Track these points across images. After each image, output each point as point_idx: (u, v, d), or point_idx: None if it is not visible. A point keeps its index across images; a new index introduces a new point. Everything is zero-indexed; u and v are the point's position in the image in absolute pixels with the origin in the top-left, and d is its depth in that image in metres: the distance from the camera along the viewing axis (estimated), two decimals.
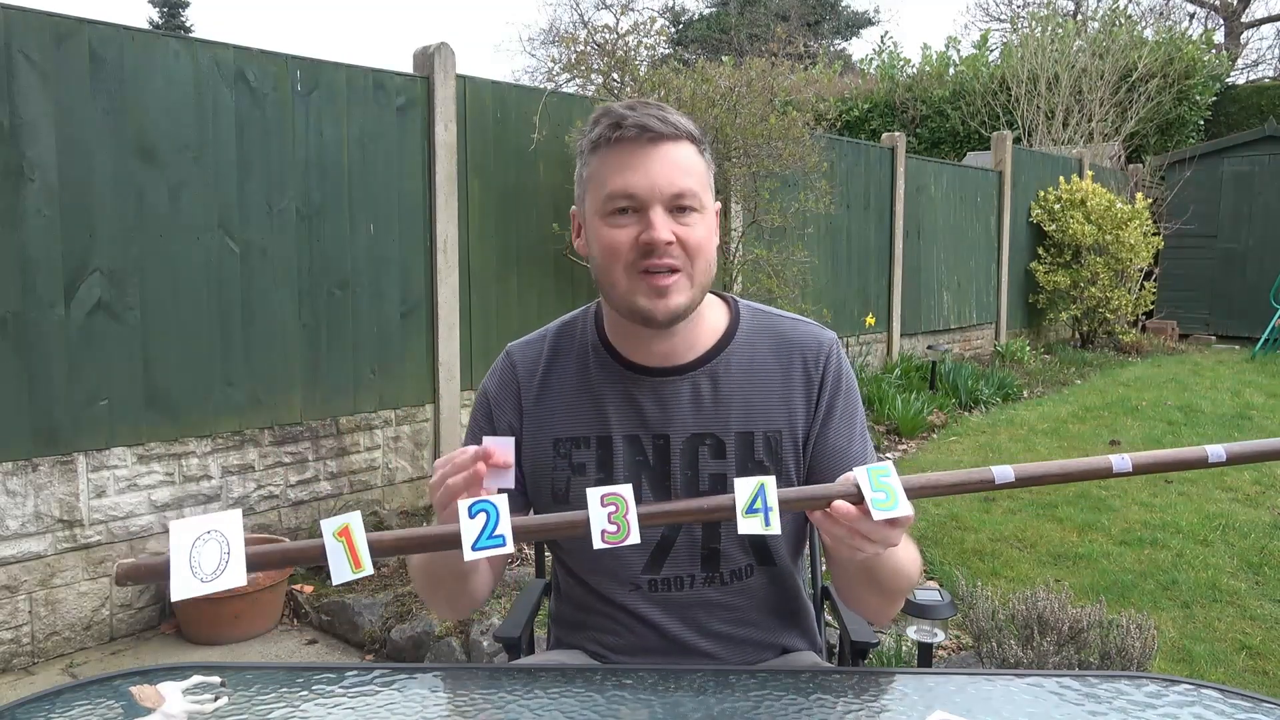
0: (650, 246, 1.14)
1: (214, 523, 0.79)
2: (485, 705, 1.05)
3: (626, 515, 0.86)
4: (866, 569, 1.12)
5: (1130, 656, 2.37)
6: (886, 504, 0.91)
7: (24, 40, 2.91)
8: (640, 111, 1.16)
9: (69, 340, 3.04)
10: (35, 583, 3.00)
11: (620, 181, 1.15)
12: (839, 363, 1.29)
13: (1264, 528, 3.99)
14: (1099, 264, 9.07)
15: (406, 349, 4.10)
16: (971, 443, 5.64)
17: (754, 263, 5.28)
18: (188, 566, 0.78)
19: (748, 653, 1.30)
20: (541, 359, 1.30)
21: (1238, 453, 0.97)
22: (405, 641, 2.99)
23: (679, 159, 1.16)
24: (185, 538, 0.79)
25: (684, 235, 1.15)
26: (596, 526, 0.85)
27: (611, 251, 1.16)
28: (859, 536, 0.95)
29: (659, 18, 5.10)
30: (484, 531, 0.83)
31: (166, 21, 22.97)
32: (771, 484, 0.89)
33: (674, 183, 1.15)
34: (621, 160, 1.15)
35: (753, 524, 0.89)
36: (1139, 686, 1.07)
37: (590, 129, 1.20)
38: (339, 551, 0.81)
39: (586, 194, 1.21)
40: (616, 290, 1.18)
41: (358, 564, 0.81)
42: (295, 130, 3.64)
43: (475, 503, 0.84)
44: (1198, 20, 18.43)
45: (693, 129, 1.20)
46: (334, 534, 0.81)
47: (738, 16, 23.37)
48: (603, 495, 0.86)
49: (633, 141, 1.15)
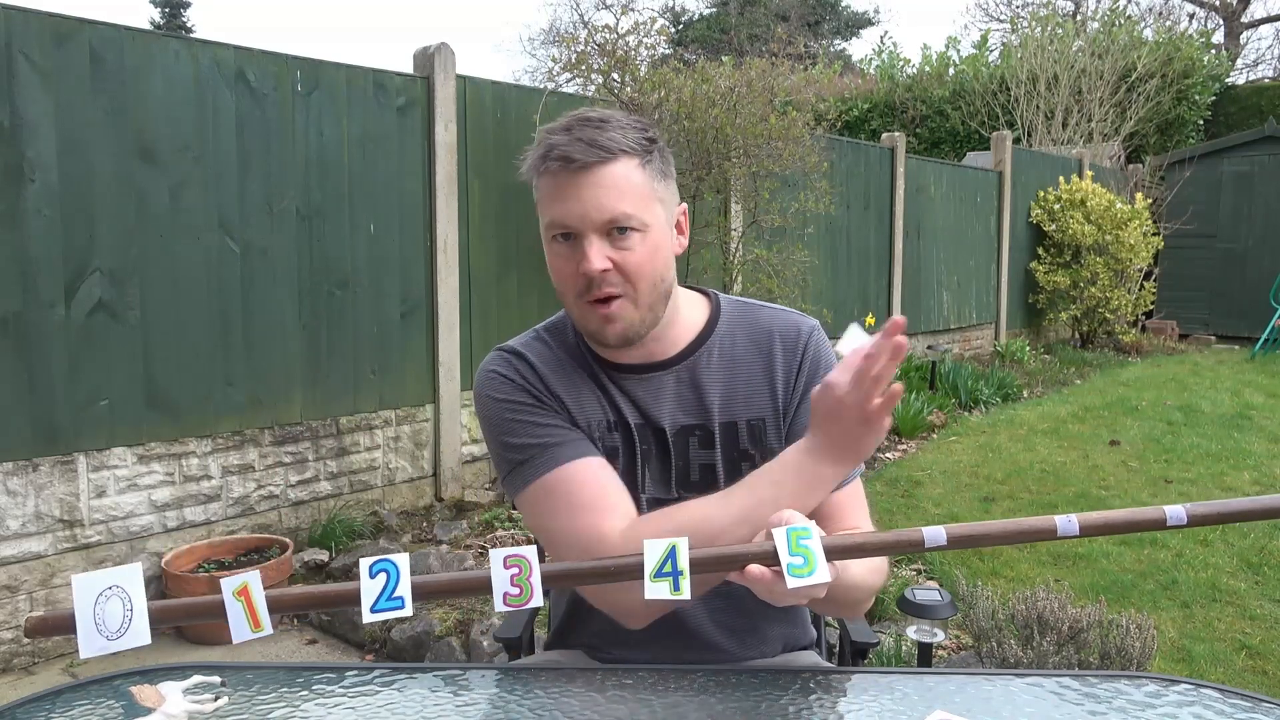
0: (589, 279, 1.14)
1: (115, 578, 0.78)
2: (485, 705, 1.05)
3: (530, 578, 0.83)
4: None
5: (1130, 656, 2.37)
6: (803, 570, 0.85)
7: (24, 40, 2.91)
8: (574, 134, 1.13)
9: (69, 340, 3.04)
10: (36, 583, 3.00)
11: (554, 211, 1.15)
12: (818, 347, 1.28)
13: (1264, 528, 3.98)
14: (1099, 264, 9.07)
15: (406, 349, 4.10)
16: (971, 443, 5.64)
17: (754, 263, 5.29)
18: (92, 624, 0.77)
19: (750, 644, 1.30)
20: (541, 356, 1.28)
21: (1201, 514, 0.90)
22: (405, 641, 2.99)
23: (612, 183, 1.13)
24: (87, 595, 0.78)
25: (620, 260, 1.14)
26: (499, 589, 0.83)
27: (560, 278, 1.18)
28: (776, 594, 0.93)
29: (659, 18, 5.10)
30: (383, 593, 0.82)
31: (167, 21, 22.97)
32: (683, 545, 0.84)
33: (604, 209, 1.13)
34: (553, 190, 1.15)
35: (660, 589, 0.83)
36: (1139, 686, 1.07)
37: (532, 148, 1.18)
38: (238, 611, 0.80)
39: (539, 215, 1.21)
40: (572, 315, 1.22)
41: (256, 624, 0.80)
42: (295, 130, 3.64)
43: (375, 562, 0.82)
44: (1197, 20, 18.44)
45: (630, 143, 1.15)
46: (233, 593, 0.80)
47: (738, 16, 23.37)
48: (506, 557, 0.83)
49: (560, 172, 1.13)
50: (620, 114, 1.20)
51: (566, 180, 1.13)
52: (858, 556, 0.93)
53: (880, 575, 1.18)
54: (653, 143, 1.20)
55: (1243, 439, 5.61)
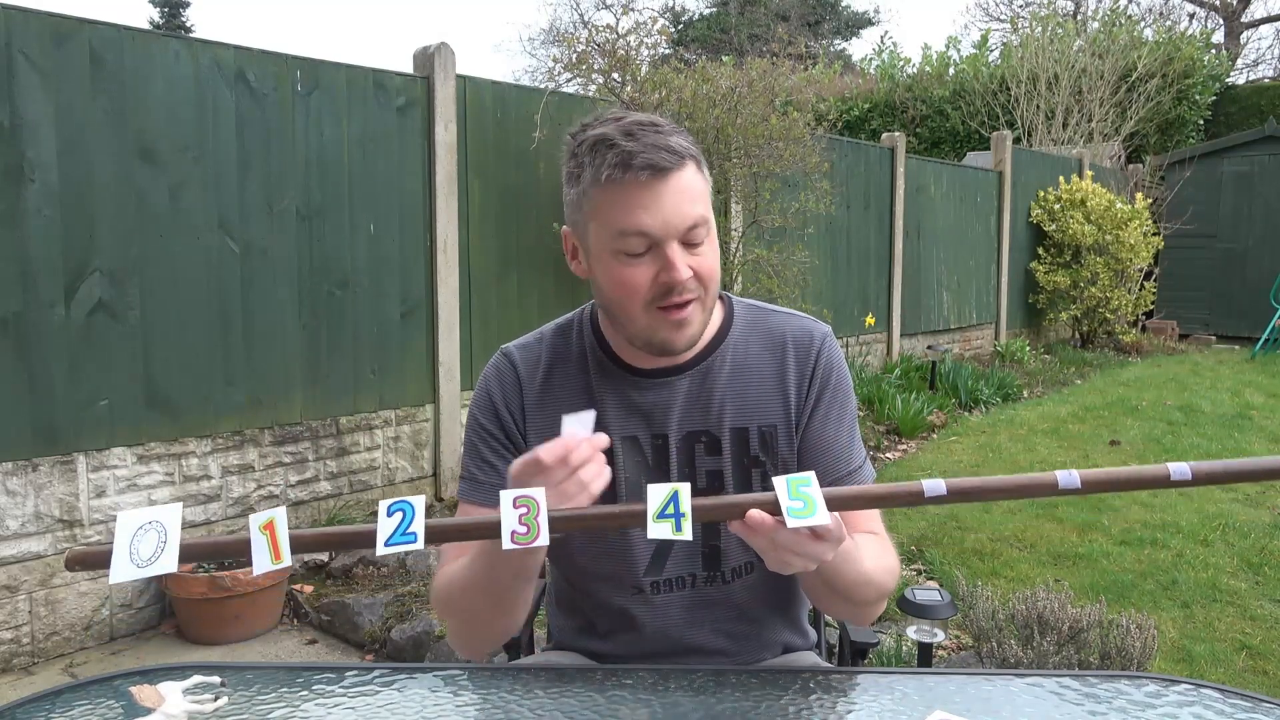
0: (670, 286, 1.12)
1: (156, 514, 0.84)
2: (485, 705, 1.05)
3: (537, 517, 0.86)
4: (823, 578, 1.09)
5: (1130, 656, 2.37)
6: (803, 512, 0.87)
7: (24, 40, 2.91)
8: (644, 140, 1.11)
9: (69, 340, 3.04)
10: (35, 583, 3.00)
11: (633, 221, 1.11)
12: (830, 354, 1.28)
13: (1264, 528, 3.98)
14: (1099, 264, 9.07)
15: (406, 349, 4.10)
16: (971, 443, 5.64)
17: (754, 263, 5.29)
18: (127, 553, 0.82)
19: (751, 649, 1.30)
20: (541, 362, 1.28)
21: (1205, 472, 0.89)
22: (405, 641, 2.99)
23: (687, 187, 1.13)
24: (129, 527, 0.83)
25: (698, 265, 1.14)
26: (507, 527, 0.86)
27: (628, 291, 1.14)
28: (781, 549, 0.93)
29: (660, 18, 5.09)
30: (398, 529, 0.85)
31: (167, 21, 22.97)
32: (685, 490, 0.88)
33: (686, 216, 1.12)
34: (632, 198, 1.11)
35: (663, 529, 0.87)
36: (1139, 686, 1.07)
37: (589, 157, 1.13)
38: (262, 544, 0.85)
39: (590, 226, 1.16)
40: (635, 325, 1.17)
41: (278, 555, 0.85)
42: (295, 130, 3.64)
43: (394, 503, 0.86)
44: (1197, 20, 18.44)
45: (691, 148, 1.16)
46: (259, 527, 0.85)
47: (738, 16, 23.37)
48: (515, 497, 0.87)
49: (645, 181, 1.10)
50: (656, 117, 1.19)
51: (650, 188, 1.10)
52: (858, 507, 0.94)
53: (892, 576, 1.18)
54: (698, 147, 1.20)
55: (1243, 439, 5.61)
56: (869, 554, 1.13)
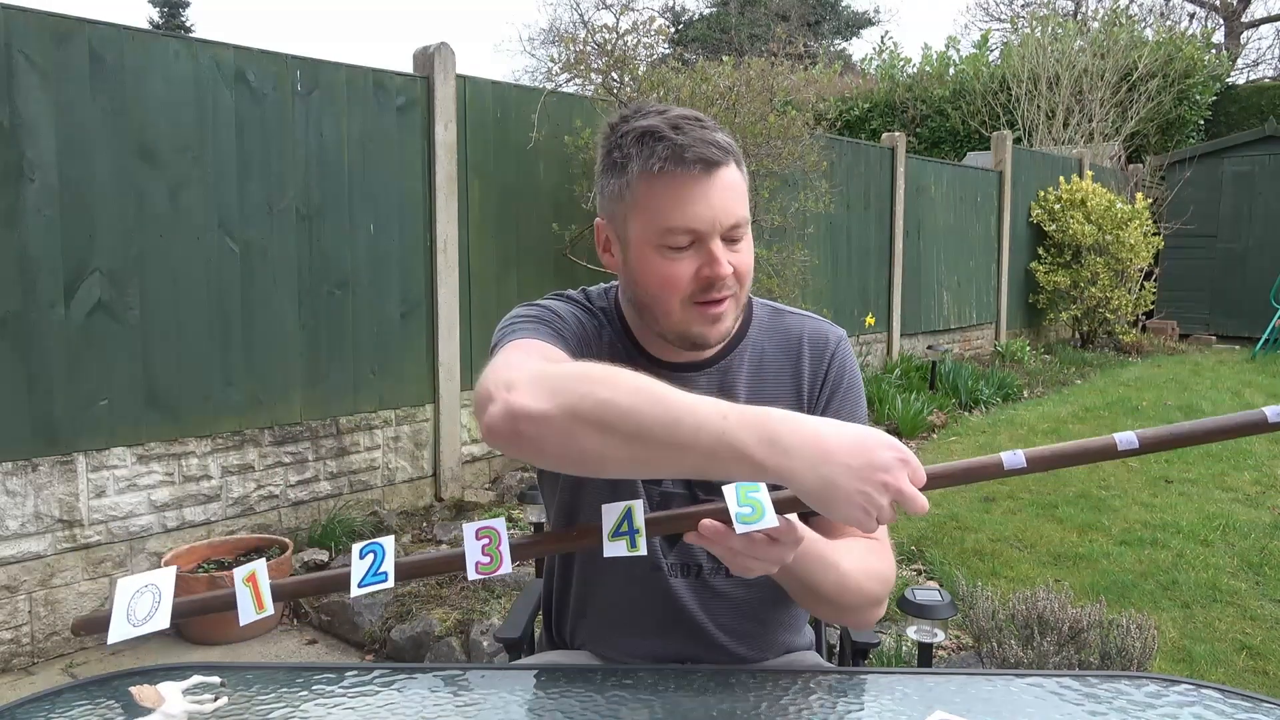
0: (712, 281, 1.13)
1: (153, 578, 0.92)
2: (485, 705, 1.05)
3: (499, 547, 0.90)
4: (803, 583, 1.09)
5: (1130, 656, 2.37)
6: (751, 518, 0.88)
7: (24, 40, 2.91)
8: (691, 135, 1.11)
9: (69, 340, 3.04)
10: (35, 583, 3.00)
11: (681, 216, 1.11)
12: (844, 359, 1.29)
13: (1264, 528, 3.98)
14: (1099, 264, 9.07)
15: (406, 349, 4.10)
16: (971, 443, 5.64)
17: (754, 262, 5.28)
18: (125, 614, 0.90)
19: (753, 647, 1.30)
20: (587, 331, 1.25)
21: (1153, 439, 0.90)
22: (405, 641, 2.99)
23: (732, 184, 1.13)
24: (128, 590, 0.91)
25: (738, 263, 1.15)
26: (471, 558, 0.90)
27: (669, 284, 1.14)
28: (739, 555, 0.94)
29: (659, 17, 5.09)
30: (370, 570, 0.91)
31: (166, 21, 22.96)
32: (638, 507, 0.91)
33: (732, 213, 1.13)
34: (681, 192, 1.11)
35: (618, 546, 0.90)
36: (1139, 686, 1.06)
37: (635, 149, 1.12)
38: (246, 596, 0.92)
39: (631, 217, 1.15)
40: (670, 319, 1.17)
41: (260, 605, 0.92)
42: (295, 130, 3.64)
43: (365, 545, 0.92)
44: (1198, 20, 18.44)
45: (733, 144, 1.16)
46: (243, 580, 0.93)
47: (738, 16, 23.36)
48: (477, 529, 0.91)
49: (694, 175, 1.10)
50: (699, 113, 1.18)
51: (699, 182, 1.11)
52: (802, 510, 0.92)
53: (880, 582, 1.16)
54: (736, 143, 1.21)
55: (1243, 439, 5.60)
56: (850, 558, 1.11)
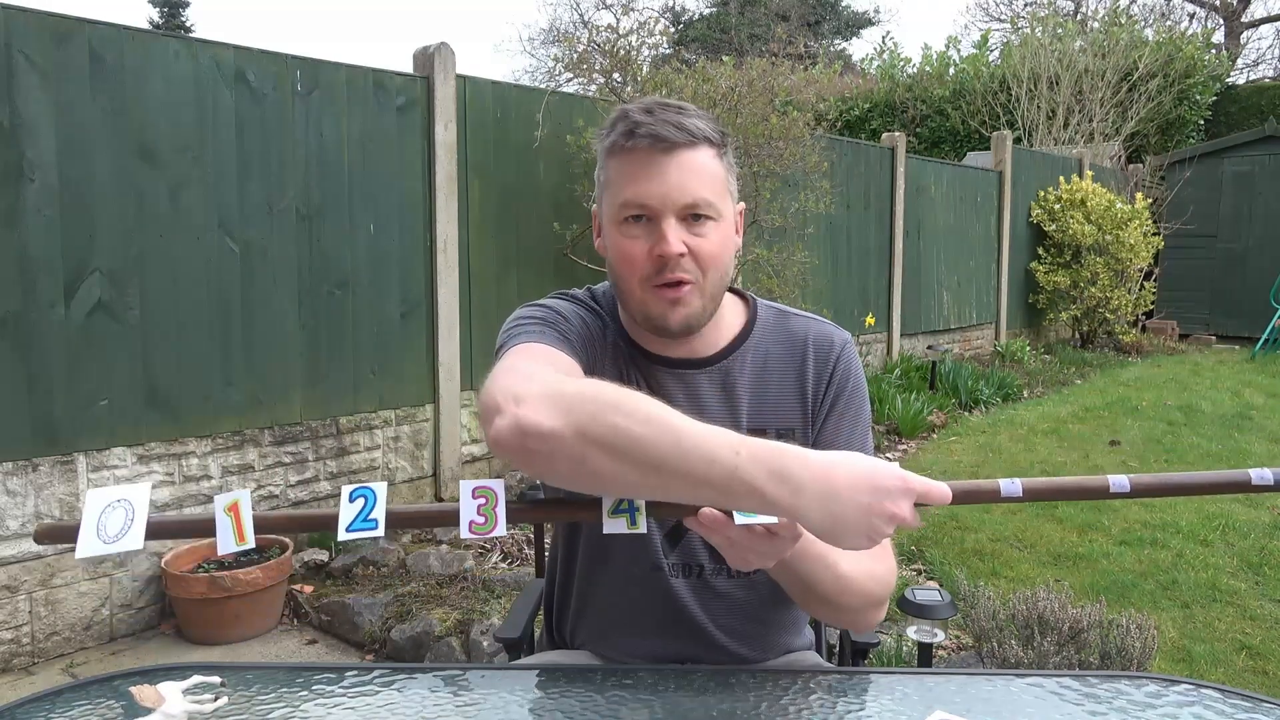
0: (663, 260, 1.13)
1: (124, 492, 0.86)
2: (485, 705, 1.05)
3: (495, 508, 0.88)
4: (801, 582, 1.09)
5: (1130, 656, 2.37)
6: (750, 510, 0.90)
7: (24, 40, 2.91)
8: (657, 116, 1.13)
9: (69, 340, 3.04)
10: (35, 583, 3.00)
11: (633, 190, 1.13)
12: (849, 362, 1.28)
13: (1264, 528, 3.98)
14: (1099, 264, 9.07)
15: (406, 349, 4.10)
16: (971, 443, 5.64)
17: (754, 263, 5.29)
18: (94, 529, 0.84)
19: (754, 648, 1.30)
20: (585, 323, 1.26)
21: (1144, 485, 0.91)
22: (405, 641, 2.99)
23: (695, 166, 1.14)
24: (97, 504, 0.85)
25: (696, 246, 1.14)
26: (465, 516, 0.88)
27: (626, 262, 1.16)
28: (737, 546, 0.94)
29: (661, 18, 5.10)
30: (359, 515, 0.87)
31: (166, 21, 22.95)
32: None
33: (687, 191, 1.13)
34: (634, 169, 1.14)
35: (618, 523, 0.90)
36: (1139, 686, 1.07)
37: (607, 131, 1.17)
38: (226, 525, 0.87)
39: (604, 198, 1.20)
40: (632, 299, 1.18)
41: (241, 537, 0.87)
42: (295, 130, 3.64)
43: (355, 489, 0.88)
44: (1198, 20, 18.44)
45: (712, 132, 1.16)
46: (224, 509, 0.87)
47: (738, 16, 23.36)
48: (474, 488, 0.89)
49: (646, 150, 1.13)
50: (688, 103, 1.20)
51: (652, 159, 1.13)
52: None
53: (880, 584, 1.15)
54: (725, 136, 1.20)
55: (1243, 439, 5.61)
56: (849, 558, 1.09)
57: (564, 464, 0.90)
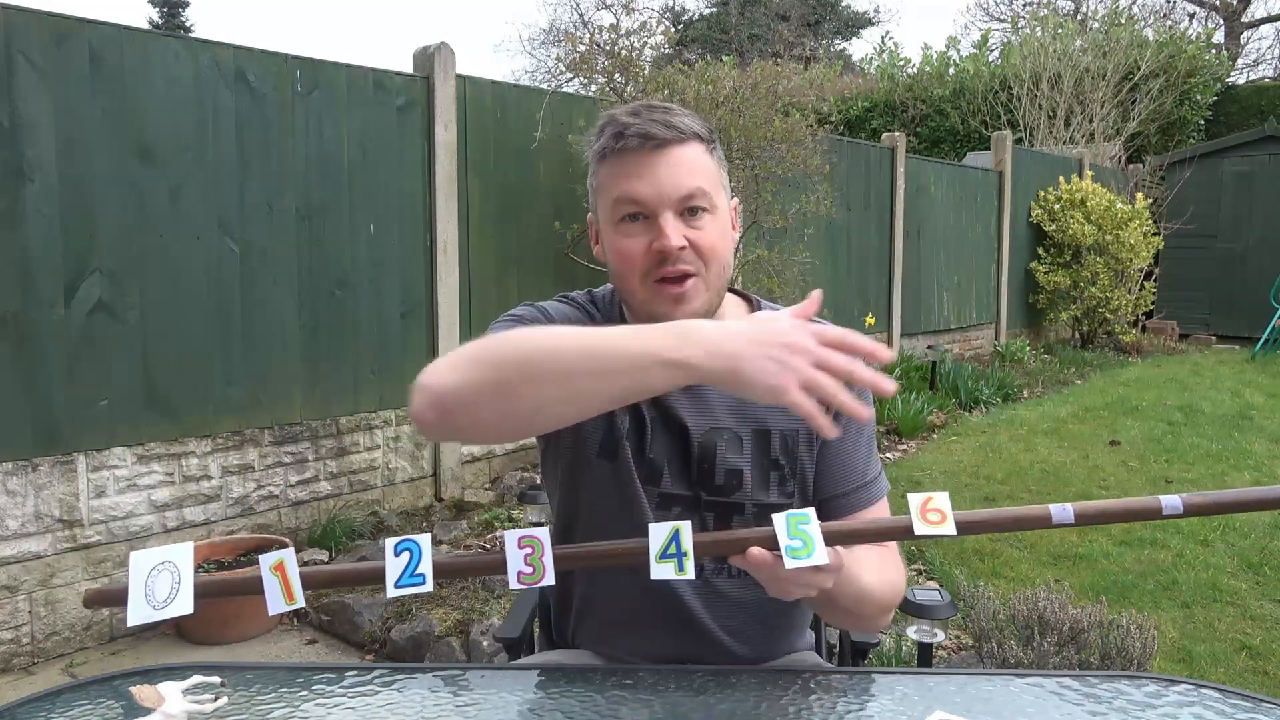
0: (663, 254, 1.13)
1: (168, 554, 0.86)
2: (485, 705, 1.05)
3: (542, 557, 0.87)
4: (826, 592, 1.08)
5: (1130, 656, 2.37)
6: (801, 552, 0.89)
7: (24, 40, 2.91)
8: (645, 117, 1.15)
9: (69, 340, 3.04)
10: (35, 583, 3.00)
11: (627, 188, 1.14)
12: None
13: (1264, 528, 3.98)
14: (1099, 264, 9.07)
15: (406, 349, 4.09)
16: (971, 443, 5.64)
17: (755, 263, 5.29)
18: (143, 594, 0.84)
19: (755, 648, 1.30)
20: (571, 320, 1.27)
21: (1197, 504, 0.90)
22: (405, 641, 2.99)
23: (687, 161, 1.15)
24: (142, 567, 0.85)
25: (696, 239, 1.14)
26: (513, 567, 0.87)
27: (626, 260, 1.16)
28: (782, 582, 0.94)
29: (661, 19, 5.10)
30: (406, 570, 0.87)
31: (166, 21, 22.96)
32: (686, 529, 0.89)
33: (681, 185, 1.14)
34: (627, 169, 1.15)
35: (666, 569, 0.88)
36: (1139, 686, 1.06)
37: (596, 138, 1.18)
38: (274, 585, 0.86)
39: (598, 202, 1.20)
40: (635, 298, 1.19)
41: (290, 597, 0.86)
42: (295, 130, 3.64)
43: (400, 542, 0.88)
44: (1198, 20, 18.44)
45: (700, 129, 1.18)
46: (270, 568, 0.87)
47: (738, 16, 23.37)
48: (520, 537, 0.88)
49: (637, 150, 1.14)
50: (675, 105, 1.21)
51: (643, 158, 1.14)
52: (855, 542, 0.97)
53: (895, 591, 1.17)
54: (713, 133, 1.22)
55: (1243, 439, 5.61)
56: (869, 569, 1.11)
57: (486, 410, 0.94)
